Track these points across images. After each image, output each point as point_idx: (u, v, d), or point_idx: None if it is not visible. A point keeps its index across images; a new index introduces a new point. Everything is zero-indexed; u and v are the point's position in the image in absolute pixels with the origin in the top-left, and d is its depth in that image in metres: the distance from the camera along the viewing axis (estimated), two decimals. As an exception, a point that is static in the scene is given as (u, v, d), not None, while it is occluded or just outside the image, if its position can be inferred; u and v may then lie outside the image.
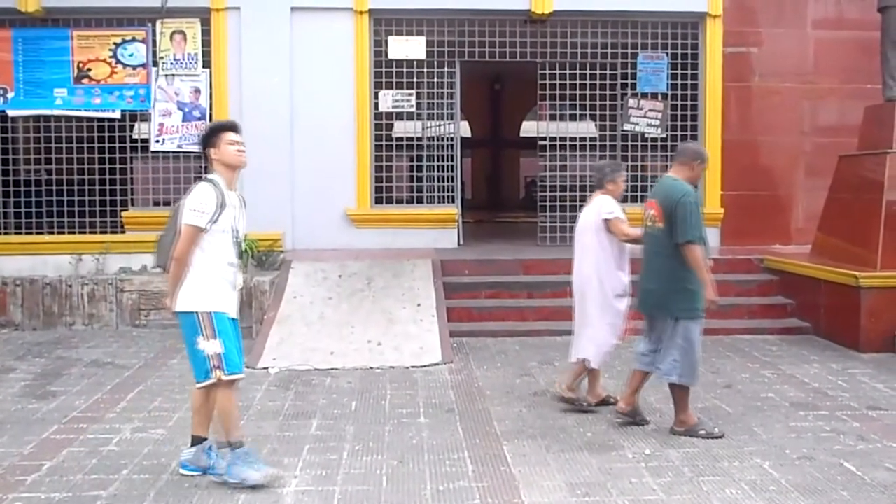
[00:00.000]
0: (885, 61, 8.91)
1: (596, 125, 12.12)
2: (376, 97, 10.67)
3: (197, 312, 4.48)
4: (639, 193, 11.10)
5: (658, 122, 10.97)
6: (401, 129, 12.24)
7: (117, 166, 10.26)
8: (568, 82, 10.87)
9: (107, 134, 10.22)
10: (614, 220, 5.86)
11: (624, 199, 10.81)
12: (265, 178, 10.14)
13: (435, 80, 10.82)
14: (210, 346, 4.48)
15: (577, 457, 4.99)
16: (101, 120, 10.32)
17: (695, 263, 5.21)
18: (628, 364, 6.30)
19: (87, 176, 10.33)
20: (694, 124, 10.98)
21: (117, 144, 10.24)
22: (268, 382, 6.84)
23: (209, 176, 4.62)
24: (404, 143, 11.93)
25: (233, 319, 4.63)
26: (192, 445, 4.73)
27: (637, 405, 5.66)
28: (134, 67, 10.13)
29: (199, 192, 4.50)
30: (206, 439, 4.72)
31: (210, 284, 4.51)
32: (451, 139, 10.94)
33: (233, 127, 4.77)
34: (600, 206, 5.93)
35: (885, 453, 5.07)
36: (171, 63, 10.15)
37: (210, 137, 4.68)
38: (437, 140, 11.04)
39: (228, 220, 4.56)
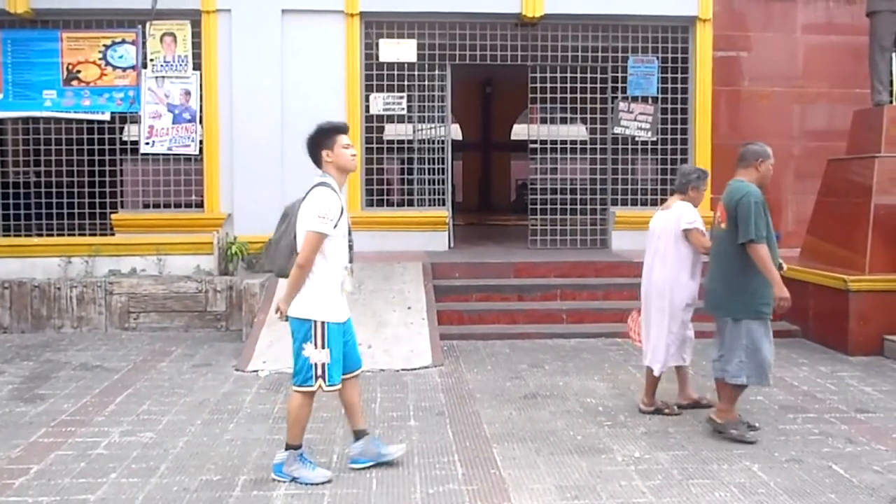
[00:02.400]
0: (874, 66, 8.96)
1: (587, 128, 12.18)
2: (367, 100, 10.66)
3: (314, 321, 4.49)
4: (629, 197, 11.16)
5: (648, 126, 11.00)
6: (392, 131, 12.26)
7: (107, 168, 10.22)
8: (559, 85, 10.88)
9: (96, 136, 10.17)
10: (695, 231, 5.77)
11: (615, 202, 11.00)
12: (255, 180, 10.14)
13: (426, 82, 10.83)
14: (318, 356, 4.50)
15: (566, 460, 5.00)
16: (90, 122, 10.26)
17: (760, 262, 5.14)
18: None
19: (76, 178, 10.29)
20: (684, 128, 11.02)
21: (107, 147, 10.19)
22: (258, 385, 6.83)
23: (324, 180, 4.59)
24: (395, 145, 11.96)
25: (345, 322, 4.66)
26: (357, 440, 4.80)
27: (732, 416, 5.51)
28: (124, 69, 10.09)
29: (323, 198, 4.46)
30: (367, 431, 4.80)
31: (326, 293, 4.52)
32: (443, 142, 10.95)
33: (345, 129, 4.75)
34: (681, 214, 5.82)
35: (874, 456, 5.09)
36: (161, 65, 10.12)
37: (324, 139, 4.64)
38: (428, 143, 11.04)
39: (345, 223, 4.58)
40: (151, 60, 10.11)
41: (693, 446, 5.25)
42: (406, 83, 10.69)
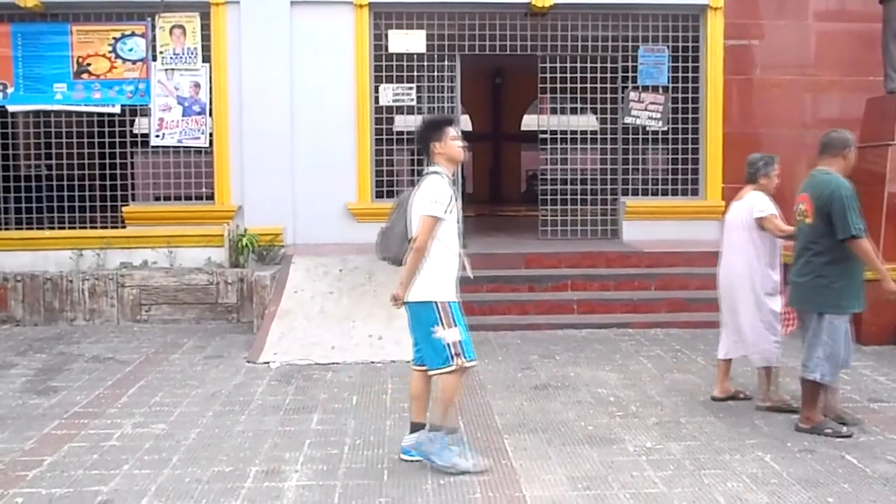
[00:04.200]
0: (887, 53, 8.88)
1: (597, 118, 12.12)
2: (376, 91, 10.63)
3: (436, 302, 4.60)
4: (640, 187, 11.11)
5: (659, 116, 10.94)
6: (401, 123, 12.21)
7: (117, 161, 10.24)
8: (569, 75, 10.83)
9: (107, 129, 10.20)
10: (768, 217, 5.71)
11: (626, 193, 10.96)
12: (266, 172, 10.14)
13: (435, 73, 10.78)
14: (450, 335, 4.59)
15: (577, 450, 4.99)
16: (100, 115, 10.29)
17: (865, 257, 5.07)
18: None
19: (87, 171, 10.32)
20: (695, 117, 10.95)
21: (117, 139, 10.21)
22: (269, 377, 6.84)
23: (435, 169, 4.73)
24: (405, 137, 11.90)
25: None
26: (412, 432, 4.82)
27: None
28: (133, 62, 10.10)
29: (435, 184, 4.62)
30: (425, 425, 4.81)
31: (444, 274, 4.65)
32: (452, 133, 10.89)
33: (453, 122, 4.92)
34: (752, 204, 5.77)
35: (887, 446, 5.06)
36: (171, 57, 10.13)
37: (434, 132, 4.79)
38: (438, 134, 10.98)
39: (456, 209, 4.70)
40: (161, 53, 10.11)
41: (705, 437, 5.23)
42: (415, 74, 10.66)
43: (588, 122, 12.11)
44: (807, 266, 5.29)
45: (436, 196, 4.57)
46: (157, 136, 10.22)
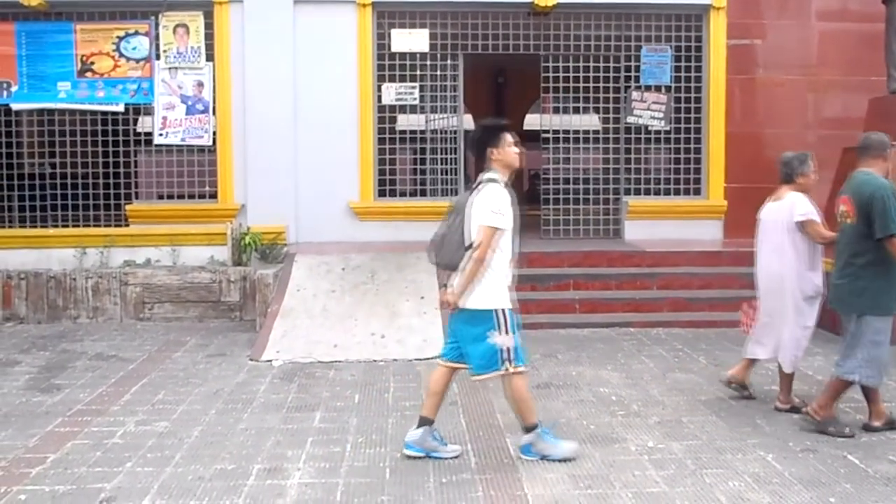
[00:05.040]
0: (890, 53, 8.88)
1: (599, 118, 12.10)
2: (379, 90, 10.65)
3: (496, 310, 4.67)
4: (642, 186, 11.11)
5: (662, 115, 10.94)
6: (404, 122, 12.22)
7: (121, 160, 10.27)
8: (571, 75, 10.83)
9: (110, 127, 10.23)
10: (809, 221, 5.62)
11: (628, 192, 10.96)
12: (269, 170, 10.17)
13: (438, 72, 10.79)
14: (505, 341, 4.67)
15: (580, 449, 4.99)
16: (104, 113, 10.32)
17: None
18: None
19: (90, 169, 10.35)
20: (698, 117, 10.95)
21: (121, 138, 10.25)
22: (271, 375, 6.86)
23: (492, 175, 4.75)
24: (408, 136, 11.93)
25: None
26: (419, 427, 4.85)
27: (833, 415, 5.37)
28: (137, 61, 10.12)
29: (496, 194, 4.65)
30: (432, 421, 4.87)
31: (501, 283, 4.73)
32: (455, 132, 10.92)
33: (509, 128, 4.91)
34: (793, 206, 5.66)
35: (889, 445, 5.07)
36: (175, 56, 10.15)
37: (491, 138, 4.80)
38: (441, 133, 11.02)
39: (512, 218, 4.75)
40: (164, 52, 10.13)
41: (707, 436, 5.24)
42: (418, 73, 10.67)
43: (591, 121, 12.09)
44: (847, 267, 5.26)
45: (498, 206, 4.61)
46: (161, 135, 10.24)
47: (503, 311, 4.69)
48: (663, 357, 7.40)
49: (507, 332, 4.67)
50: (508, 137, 4.77)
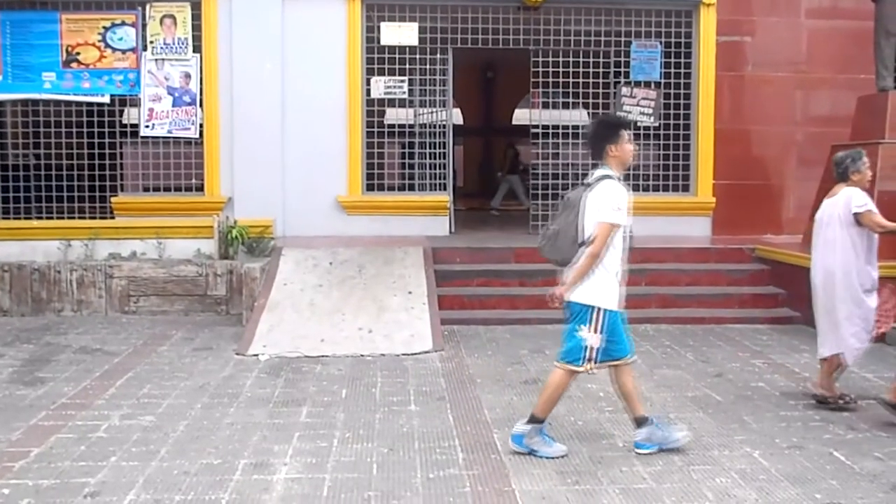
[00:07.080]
0: (879, 51, 8.91)
1: (588, 113, 12.08)
2: (368, 83, 10.60)
3: (595, 307, 4.67)
4: (630, 182, 11.09)
5: (651, 111, 10.94)
6: (393, 115, 12.17)
7: (107, 151, 10.17)
8: (561, 70, 10.82)
9: (96, 119, 10.14)
10: (866, 213, 5.62)
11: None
12: (256, 164, 10.12)
13: (427, 66, 10.75)
14: (593, 339, 4.69)
15: (567, 445, 4.98)
16: (90, 104, 10.23)
17: None
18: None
19: (76, 161, 10.26)
20: (687, 113, 10.96)
21: (107, 129, 10.15)
22: (258, 370, 6.82)
23: (607, 171, 4.74)
24: (396, 129, 11.88)
25: (620, 312, 4.80)
26: (639, 427, 4.86)
27: None
28: (123, 52, 10.04)
29: (615, 191, 4.64)
30: (648, 417, 4.86)
31: (609, 281, 4.70)
32: (444, 126, 10.90)
33: (628, 125, 4.94)
34: (849, 199, 5.67)
35: (875, 442, 5.09)
36: (161, 47, 10.07)
37: (611, 134, 4.78)
38: (430, 127, 10.99)
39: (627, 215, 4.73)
40: (151, 43, 10.05)
41: (694, 432, 5.23)
42: (407, 67, 10.64)
43: (580, 116, 12.08)
44: None
45: (617, 203, 4.59)
46: (147, 127, 10.17)
47: (601, 310, 4.68)
48: (651, 353, 7.40)
49: (597, 331, 4.67)
50: (626, 134, 4.77)
